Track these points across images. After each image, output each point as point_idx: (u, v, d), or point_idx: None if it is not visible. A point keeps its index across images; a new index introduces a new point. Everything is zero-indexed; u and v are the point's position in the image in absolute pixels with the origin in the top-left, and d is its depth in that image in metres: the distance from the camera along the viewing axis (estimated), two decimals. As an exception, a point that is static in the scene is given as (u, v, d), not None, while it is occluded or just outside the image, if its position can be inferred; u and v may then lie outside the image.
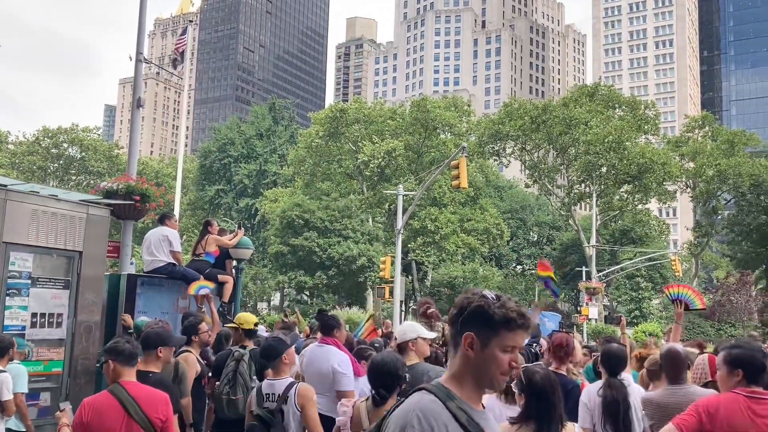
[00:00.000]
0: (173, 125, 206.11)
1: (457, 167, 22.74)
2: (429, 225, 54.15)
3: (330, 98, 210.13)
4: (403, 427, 2.07)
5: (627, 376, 6.11)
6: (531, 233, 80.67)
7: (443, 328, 6.64)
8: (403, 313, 35.07)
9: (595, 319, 28.74)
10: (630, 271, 57.82)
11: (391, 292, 31.75)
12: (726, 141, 59.78)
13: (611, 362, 5.15)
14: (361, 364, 6.13)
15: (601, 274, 50.03)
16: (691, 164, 59.76)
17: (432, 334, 5.47)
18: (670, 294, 6.98)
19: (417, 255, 56.89)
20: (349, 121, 57.61)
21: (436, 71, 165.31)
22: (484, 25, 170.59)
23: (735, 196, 62.34)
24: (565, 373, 5.04)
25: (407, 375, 4.41)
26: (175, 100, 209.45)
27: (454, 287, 55.43)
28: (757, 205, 61.89)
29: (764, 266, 62.76)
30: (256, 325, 7.05)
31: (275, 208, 60.27)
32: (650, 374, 5.74)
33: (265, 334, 9.57)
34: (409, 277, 59.30)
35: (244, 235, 10.73)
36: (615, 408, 4.91)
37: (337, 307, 48.04)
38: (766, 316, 51.11)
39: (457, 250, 56.96)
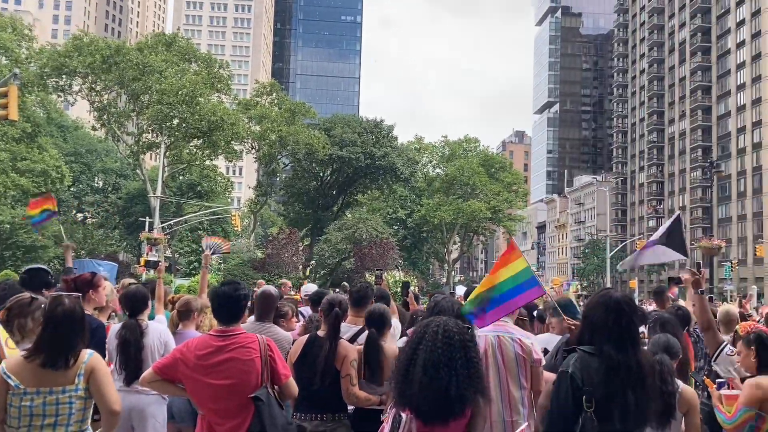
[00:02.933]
0: None
1: (6, 95, 19.99)
2: (-29, 161, 46.73)
3: None
4: None
5: (160, 317, 6.34)
6: (96, 179, 76.32)
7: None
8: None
9: (151, 267, 28.78)
10: (194, 224, 59.37)
11: None
12: (288, 110, 65.31)
13: (129, 303, 5.30)
14: None
15: (165, 225, 50.19)
16: (258, 127, 63.67)
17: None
18: (205, 245, 7.69)
19: (-48, 195, 48.66)
20: None
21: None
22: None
23: (292, 161, 68.98)
24: (88, 312, 4.97)
25: None
26: None
27: (1, 234, 49.24)
28: (310, 171, 69.70)
29: (310, 225, 71.25)
30: None
31: None
32: (180, 315, 6.04)
33: None
34: (-60, 220, 50.43)
35: None
36: (127, 348, 5.08)
37: None
38: (308, 269, 58.20)
39: (6, 192, 50.45)
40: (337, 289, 12.07)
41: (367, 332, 5.05)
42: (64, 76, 53.10)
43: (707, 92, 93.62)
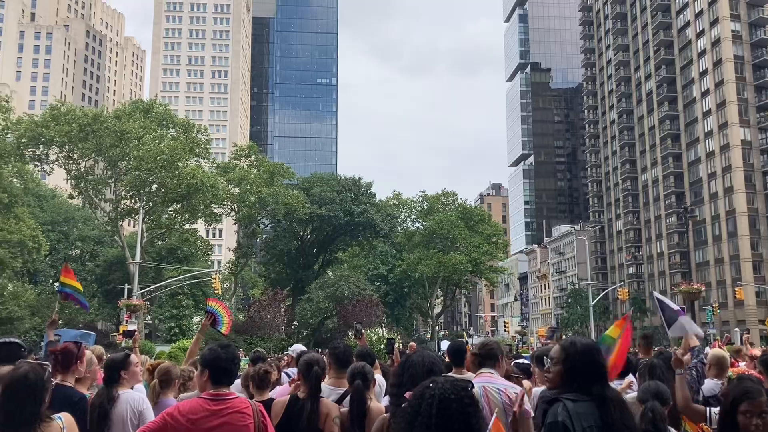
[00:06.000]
0: None
1: (-18, 168, 19.95)
2: (-55, 234, 46.08)
3: None
4: None
5: (140, 387, 6.22)
6: (73, 248, 75.43)
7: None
8: None
9: (126, 337, 28.29)
10: (174, 289, 58.67)
11: None
12: (267, 171, 65.72)
13: (105, 372, 5.17)
14: None
15: (144, 291, 49.57)
16: (237, 189, 63.87)
17: None
18: (208, 306, 7.39)
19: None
20: None
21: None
22: (33, 18, 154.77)
23: (272, 222, 68.94)
24: (71, 385, 4.87)
25: None
26: None
27: (-25, 306, 48.23)
28: (290, 231, 69.70)
29: (292, 285, 70.76)
30: None
31: None
32: (160, 384, 5.93)
33: None
34: None
35: None
36: (92, 415, 4.92)
37: None
38: (290, 329, 57.51)
39: (-19, 264, 49.78)
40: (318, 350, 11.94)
41: (352, 390, 5.02)
42: (41, 146, 53.20)
43: (677, 140, 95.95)
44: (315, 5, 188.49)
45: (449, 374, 5.59)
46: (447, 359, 6.60)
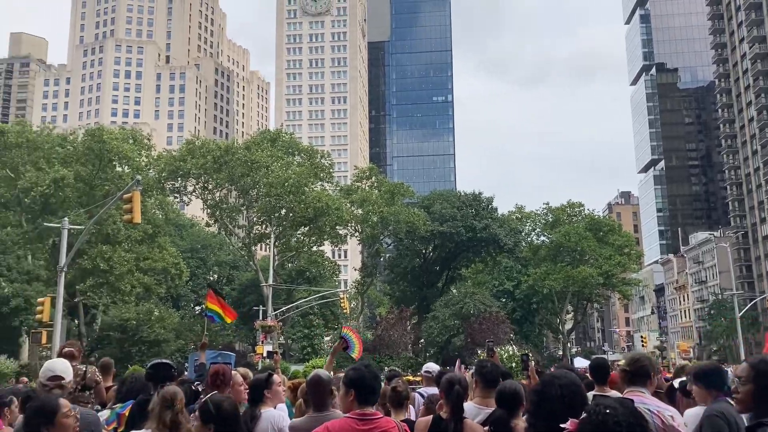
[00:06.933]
0: None
1: (130, 201, 21.64)
2: (101, 264, 50.11)
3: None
4: None
5: (282, 406, 6.41)
6: (211, 273, 79.79)
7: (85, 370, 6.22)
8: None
9: (268, 357, 29.42)
10: (304, 309, 60.56)
11: (51, 338, 28.52)
12: (388, 191, 66.69)
13: (250, 393, 5.32)
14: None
15: (277, 312, 51.51)
16: (360, 211, 65.24)
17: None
18: (342, 333, 7.79)
19: (87, 297, 52.28)
20: (8, 144, 51.02)
21: (115, 101, 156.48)
22: (168, 60, 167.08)
23: (394, 240, 69.69)
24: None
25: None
26: None
27: (126, 330, 52.01)
28: (412, 249, 70.09)
29: (416, 303, 70.98)
30: None
31: None
32: (306, 403, 6.06)
33: None
34: (76, 321, 54.05)
35: None
36: None
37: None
38: (416, 347, 57.64)
39: (132, 290, 53.72)
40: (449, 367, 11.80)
41: (494, 418, 4.89)
42: (179, 179, 57.02)
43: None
44: (428, 24, 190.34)
45: (594, 392, 5.35)
46: (588, 377, 6.32)
